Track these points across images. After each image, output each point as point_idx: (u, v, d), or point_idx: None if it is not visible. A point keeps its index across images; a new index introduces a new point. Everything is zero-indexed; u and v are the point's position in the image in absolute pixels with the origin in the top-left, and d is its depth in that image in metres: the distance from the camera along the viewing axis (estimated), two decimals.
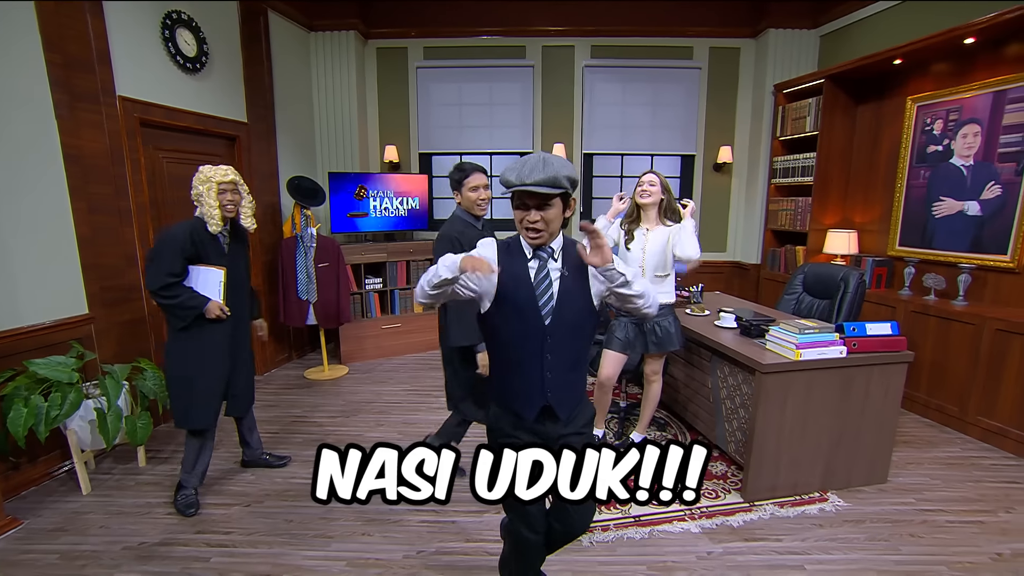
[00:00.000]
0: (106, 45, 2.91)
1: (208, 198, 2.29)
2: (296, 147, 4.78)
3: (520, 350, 1.50)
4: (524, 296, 1.47)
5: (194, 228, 2.31)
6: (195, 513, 2.45)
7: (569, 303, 1.49)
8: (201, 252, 2.33)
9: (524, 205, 1.42)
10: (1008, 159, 3.21)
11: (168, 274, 2.24)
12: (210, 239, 2.36)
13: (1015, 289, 3.23)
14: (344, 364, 4.66)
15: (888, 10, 4.12)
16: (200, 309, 2.31)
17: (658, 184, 2.68)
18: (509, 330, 1.50)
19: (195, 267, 2.33)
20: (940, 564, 2.10)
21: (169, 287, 2.25)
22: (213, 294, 2.37)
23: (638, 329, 2.76)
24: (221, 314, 2.36)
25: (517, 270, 1.48)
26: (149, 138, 3.32)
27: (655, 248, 2.67)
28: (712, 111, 5.28)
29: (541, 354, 1.50)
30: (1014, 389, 2.98)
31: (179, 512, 2.45)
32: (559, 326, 1.48)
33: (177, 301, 2.27)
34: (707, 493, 2.58)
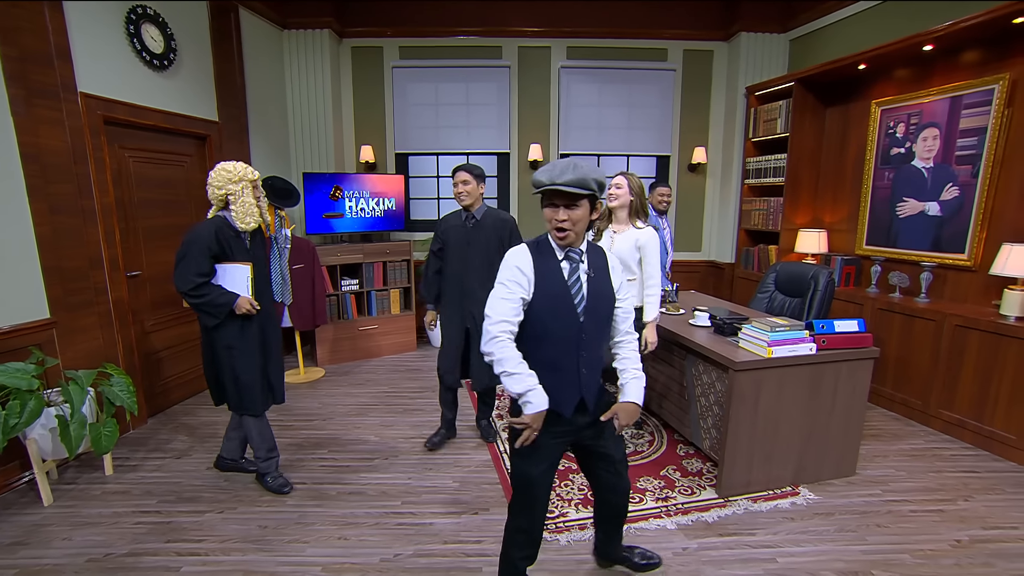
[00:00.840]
0: (66, 40, 2.81)
1: (245, 196, 2.35)
2: (269, 147, 4.69)
3: (558, 350, 1.58)
4: (560, 296, 1.56)
5: (218, 227, 2.35)
6: (289, 491, 2.59)
7: (598, 303, 1.60)
8: (227, 250, 2.37)
9: (554, 204, 1.52)
10: (965, 162, 3.34)
11: (197, 274, 2.28)
12: (234, 237, 2.40)
13: (972, 286, 3.36)
14: (320, 367, 4.59)
15: (853, 16, 4.25)
16: (230, 305, 2.35)
17: (625, 187, 2.70)
18: (547, 330, 1.57)
19: (221, 265, 2.37)
20: (904, 552, 2.17)
21: (198, 287, 2.29)
22: (241, 290, 2.40)
23: None
24: (251, 309, 2.40)
25: (550, 269, 1.57)
26: (114, 136, 3.22)
27: (621, 249, 2.71)
28: (686, 112, 5.37)
29: (577, 352, 1.59)
30: (971, 383, 3.10)
31: (277, 492, 2.58)
32: (592, 324, 1.60)
33: (207, 299, 2.31)
34: (683, 490, 2.62)
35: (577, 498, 2.54)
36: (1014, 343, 2.87)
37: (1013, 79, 3.08)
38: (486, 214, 2.87)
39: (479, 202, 2.87)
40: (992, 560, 2.12)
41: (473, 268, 2.84)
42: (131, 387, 2.76)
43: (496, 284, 1.59)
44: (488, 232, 2.84)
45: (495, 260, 2.79)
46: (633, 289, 2.73)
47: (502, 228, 2.85)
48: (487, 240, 2.83)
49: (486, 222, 2.85)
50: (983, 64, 3.26)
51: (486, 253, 2.82)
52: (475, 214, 2.85)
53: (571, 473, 2.77)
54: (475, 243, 2.84)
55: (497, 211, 2.92)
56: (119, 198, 3.27)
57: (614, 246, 2.71)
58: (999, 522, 2.37)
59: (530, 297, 1.55)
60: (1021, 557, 2.14)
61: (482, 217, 2.86)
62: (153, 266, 3.54)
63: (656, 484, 2.67)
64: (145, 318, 3.51)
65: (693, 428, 2.93)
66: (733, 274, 5.26)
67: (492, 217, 2.87)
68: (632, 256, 2.70)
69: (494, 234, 2.83)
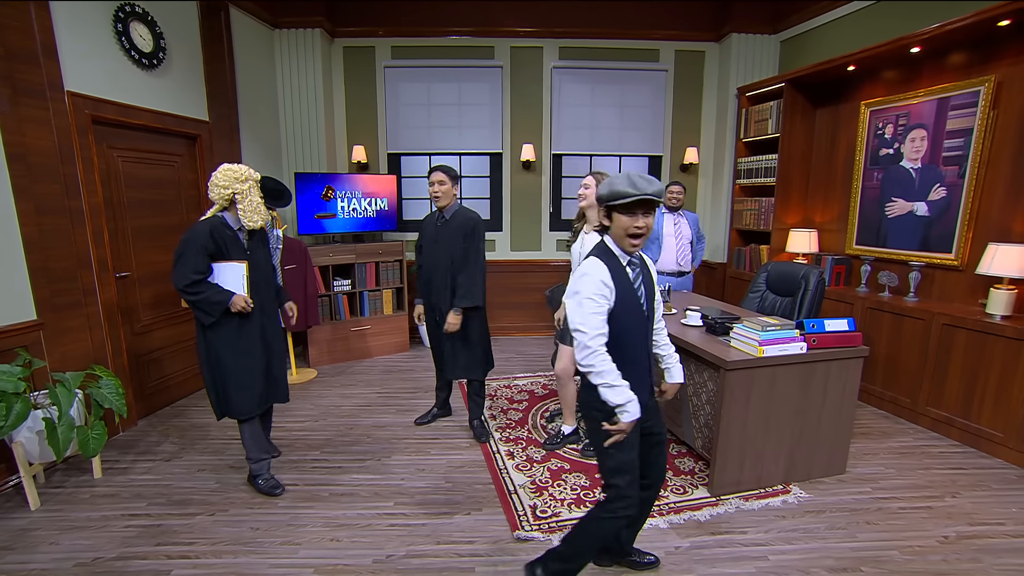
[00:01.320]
0: (52, 38, 2.78)
1: (253, 195, 2.41)
2: (261, 147, 4.66)
3: (635, 346, 1.75)
4: (632, 299, 1.72)
5: (214, 226, 2.38)
6: (281, 492, 2.59)
7: (652, 300, 1.81)
8: (223, 249, 2.40)
9: (633, 213, 1.64)
10: (952, 163, 3.38)
11: (193, 271, 2.32)
12: (231, 236, 2.43)
13: (959, 285, 3.40)
14: (313, 367, 4.57)
15: (843, 18, 4.29)
16: (226, 303, 2.37)
17: (593, 186, 2.71)
18: (624, 330, 1.71)
19: (218, 264, 2.40)
20: (892, 549, 2.19)
21: (194, 284, 2.32)
22: (237, 288, 2.42)
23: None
24: (245, 307, 2.42)
25: (622, 276, 1.70)
26: (102, 136, 3.19)
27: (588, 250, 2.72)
28: (678, 113, 5.39)
29: (647, 346, 1.81)
30: (958, 380, 3.14)
31: (268, 495, 2.59)
32: (653, 321, 1.83)
33: (202, 297, 2.33)
34: (675, 489, 2.64)
35: (570, 498, 2.54)
36: (1000, 341, 2.91)
37: (998, 81, 3.12)
38: (455, 213, 3.02)
39: (452, 202, 3.02)
40: (979, 556, 2.15)
41: (439, 264, 3.02)
42: (120, 389, 2.73)
43: (583, 299, 1.65)
44: (454, 230, 2.98)
45: (456, 256, 2.98)
46: None
47: (466, 225, 2.98)
48: (452, 237, 2.98)
49: (454, 221, 3.00)
50: (969, 66, 3.30)
51: (450, 250, 2.98)
52: (445, 213, 3.01)
53: (564, 473, 2.78)
54: (442, 241, 3.01)
55: (466, 210, 3.05)
56: (108, 198, 3.24)
57: (584, 248, 2.74)
58: (985, 518, 2.40)
59: (612, 305, 1.67)
60: (1007, 552, 2.17)
61: (451, 216, 3.01)
62: (143, 267, 3.50)
63: None
64: (135, 319, 3.47)
65: (685, 427, 2.94)
66: (725, 274, 5.29)
67: (460, 216, 3.01)
68: None
69: (459, 232, 2.97)
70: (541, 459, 2.93)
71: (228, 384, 2.46)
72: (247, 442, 2.59)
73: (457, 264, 2.98)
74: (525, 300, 5.55)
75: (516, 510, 2.45)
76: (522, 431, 3.29)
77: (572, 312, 1.67)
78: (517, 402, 3.77)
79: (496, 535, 2.28)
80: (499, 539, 2.26)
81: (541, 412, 3.59)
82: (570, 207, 5.57)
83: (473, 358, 3.13)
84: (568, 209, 5.57)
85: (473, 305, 2.97)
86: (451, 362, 3.13)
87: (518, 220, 5.50)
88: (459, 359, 3.11)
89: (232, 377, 2.46)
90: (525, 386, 4.10)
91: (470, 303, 2.96)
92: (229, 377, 2.46)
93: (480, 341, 3.12)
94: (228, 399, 2.48)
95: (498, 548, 2.20)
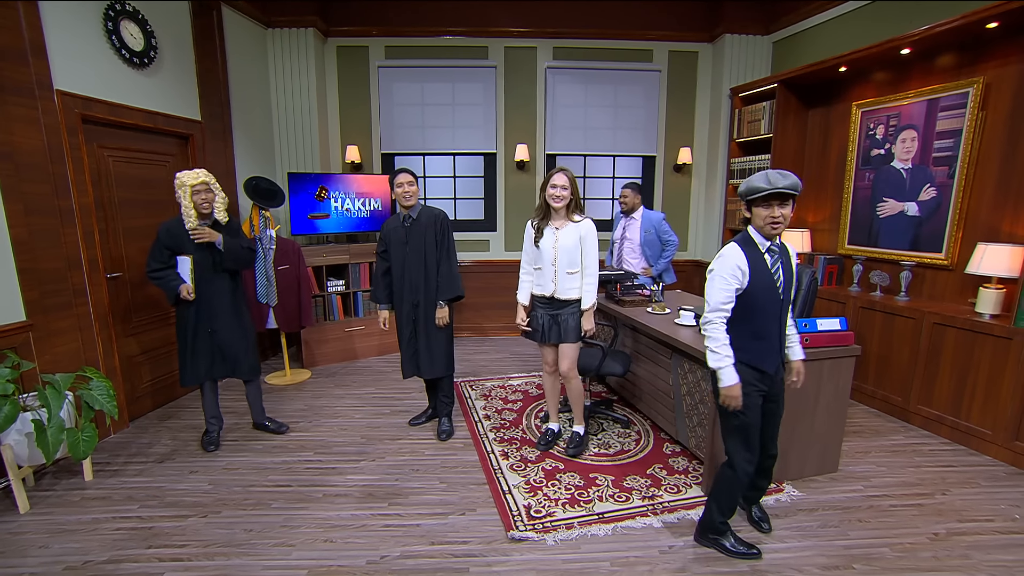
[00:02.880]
0: (41, 36, 2.75)
1: (184, 200, 2.76)
2: (254, 147, 4.64)
3: (766, 322, 2.01)
4: (768, 282, 1.98)
5: (171, 225, 2.82)
6: (214, 450, 3.03)
7: (789, 285, 2.03)
8: (178, 244, 2.81)
9: (769, 204, 1.91)
10: (942, 163, 3.41)
11: (154, 260, 2.80)
12: (185, 233, 2.81)
13: (949, 285, 3.44)
14: (307, 368, 4.55)
15: (835, 19, 4.32)
16: (175, 291, 2.80)
17: (569, 187, 2.75)
18: (756, 307, 1.99)
19: (179, 257, 2.84)
20: (883, 546, 2.21)
21: (155, 271, 2.80)
22: (185, 277, 2.84)
23: (552, 320, 2.87)
24: (187, 296, 2.84)
25: (758, 261, 1.97)
26: (93, 135, 3.16)
27: (566, 245, 2.76)
28: (672, 113, 5.41)
29: (779, 324, 2.05)
30: (949, 379, 3.17)
31: (203, 448, 3.05)
32: (787, 302, 2.04)
33: (160, 282, 2.81)
34: (669, 488, 2.65)
35: (564, 498, 2.55)
36: (989, 340, 2.94)
37: (987, 83, 3.16)
38: (421, 212, 3.08)
39: (416, 202, 3.08)
40: (968, 552, 2.17)
41: (413, 263, 3.07)
42: (111, 391, 2.70)
43: (715, 276, 1.98)
44: (423, 227, 3.06)
45: (431, 251, 3.05)
46: (575, 281, 2.79)
47: (435, 222, 3.07)
48: (423, 234, 3.06)
49: (421, 219, 3.07)
50: (958, 68, 3.33)
51: (423, 247, 3.06)
52: (411, 213, 3.06)
53: (558, 473, 2.78)
54: (412, 239, 3.07)
55: (429, 207, 3.13)
56: (98, 198, 3.21)
57: (559, 243, 2.77)
58: (975, 515, 2.43)
59: (744, 286, 1.96)
60: (996, 549, 2.19)
61: (418, 216, 3.07)
62: (135, 267, 3.48)
63: (643, 483, 2.69)
64: (127, 320, 3.45)
65: (679, 426, 2.95)
66: None
67: (425, 213, 3.08)
68: (576, 248, 2.77)
69: (429, 229, 3.06)
70: (535, 459, 2.93)
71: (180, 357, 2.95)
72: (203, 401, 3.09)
73: (431, 258, 3.05)
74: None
75: (510, 510, 2.45)
76: (516, 431, 3.29)
77: (707, 285, 2.01)
78: (511, 402, 3.77)
79: (490, 535, 2.28)
80: (493, 539, 2.26)
81: (535, 412, 3.59)
82: None
83: (449, 354, 3.20)
84: None
85: (458, 296, 3.09)
86: (428, 361, 3.14)
87: (512, 220, 5.50)
88: (436, 356, 3.14)
89: (181, 352, 2.93)
90: (520, 386, 4.10)
91: (454, 293, 3.06)
92: (181, 350, 2.93)
93: (450, 337, 3.21)
94: (181, 369, 2.96)
95: (492, 548, 2.20)
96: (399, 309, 3.16)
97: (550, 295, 2.84)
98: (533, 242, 2.86)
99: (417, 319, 3.12)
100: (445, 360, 3.18)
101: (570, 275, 2.78)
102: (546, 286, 2.84)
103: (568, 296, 2.80)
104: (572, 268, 2.78)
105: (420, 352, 3.14)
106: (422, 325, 3.11)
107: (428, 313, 3.09)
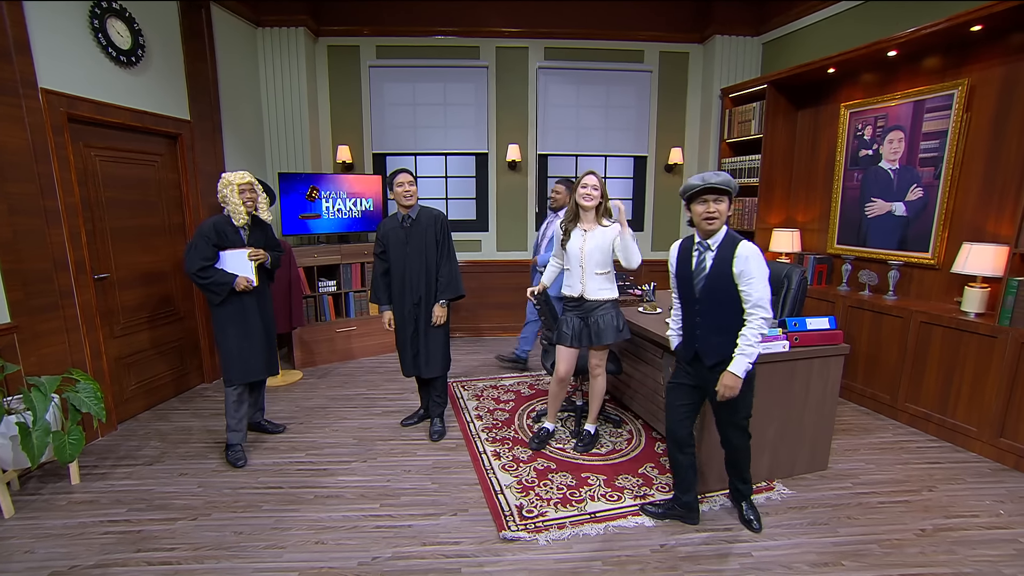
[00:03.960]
0: (25, 33, 2.71)
1: (233, 198, 2.78)
2: (244, 147, 4.60)
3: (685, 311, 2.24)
4: (686, 274, 2.17)
5: (218, 221, 2.81)
6: (244, 465, 2.88)
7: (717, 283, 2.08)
8: (224, 241, 2.81)
9: (706, 200, 2.05)
10: (928, 164, 3.46)
11: (202, 258, 2.73)
12: (232, 231, 2.83)
13: (936, 284, 3.48)
14: (298, 369, 4.52)
15: (825, 20, 4.35)
16: (231, 284, 2.79)
17: (599, 187, 2.75)
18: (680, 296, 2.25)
19: (224, 252, 2.81)
20: (872, 543, 2.23)
21: (203, 269, 2.73)
22: (246, 270, 2.85)
23: (583, 323, 2.83)
24: (248, 285, 2.83)
25: (686, 254, 2.18)
26: (79, 134, 3.12)
27: (593, 247, 2.75)
28: (663, 113, 5.44)
29: (693, 319, 2.18)
30: (935, 377, 3.21)
31: (231, 464, 2.88)
32: (708, 298, 2.12)
33: (211, 280, 2.75)
34: (661, 487, 2.66)
35: (556, 498, 2.55)
36: (974, 338, 2.98)
37: (971, 84, 3.20)
38: (420, 212, 3.08)
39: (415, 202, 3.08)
40: (954, 548, 2.20)
41: (414, 264, 3.06)
42: (99, 393, 2.67)
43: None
44: (423, 228, 3.05)
45: (431, 251, 3.04)
46: (606, 282, 2.78)
47: (436, 221, 3.07)
48: (423, 235, 3.05)
49: (420, 219, 3.06)
50: (943, 70, 3.37)
51: (424, 247, 3.05)
52: (411, 213, 3.05)
53: (550, 473, 2.78)
54: (412, 240, 3.05)
55: (428, 208, 3.13)
56: (85, 198, 3.17)
57: (586, 244, 2.76)
58: (960, 511, 2.46)
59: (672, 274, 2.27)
60: (981, 544, 2.22)
61: (417, 216, 3.06)
62: (123, 268, 3.44)
63: (634, 482, 2.70)
64: (115, 322, 3.41)
65: None
66: None
67: (424, 214, 3.08)
68: (607, 253, 2.75)
69: (429, 229, 3.05)
70: (527, 459, 2.93)
71: (227, 354, 2.86)
72: (227, 408, 2.92)
73: (431, 258, 3.05)
74: (511, 300, 5.56)
75: (502, 510, 2.45)
76: (508, 431, 3.29)
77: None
78: (503, 402, 3.77)
79: (482, 535, 2.28)
80: (485, 539, 2.26)
81: (528, 412, 3.59)
82: None
83: (446, 353, 3.20)
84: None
85: (459, 295, 3.09)
86: (425, 360, 3.14)
87: (504, 220, 5.50)
88: (433, 355, 3.14)
89: (231, 349, 2.85)
90: (512, 386, 4.10)
91: (455, 293, 3.06)
92: (229, 349, 2.85)
93: (447, 336, 3.21)
94: (226, 367, 2.87)
95: (484, 548, 2.20)
96: (399, 309, 3.14)
97: (579, 295, 2.83)
98: (561, 243, 2.88)
99: (419, 319, 3.11)
100: (442, 359, 3.18)
101: (599, 275, 2.78)
102: (574, 287, 2.84)
103: (597, 297, 2.79)
104: (600, 269, 2.77)
105: (420, 352, 3.14)
106: (423, 325, 3.11)
107: (429, 313, 3.09)
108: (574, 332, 2.83)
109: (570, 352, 2.87)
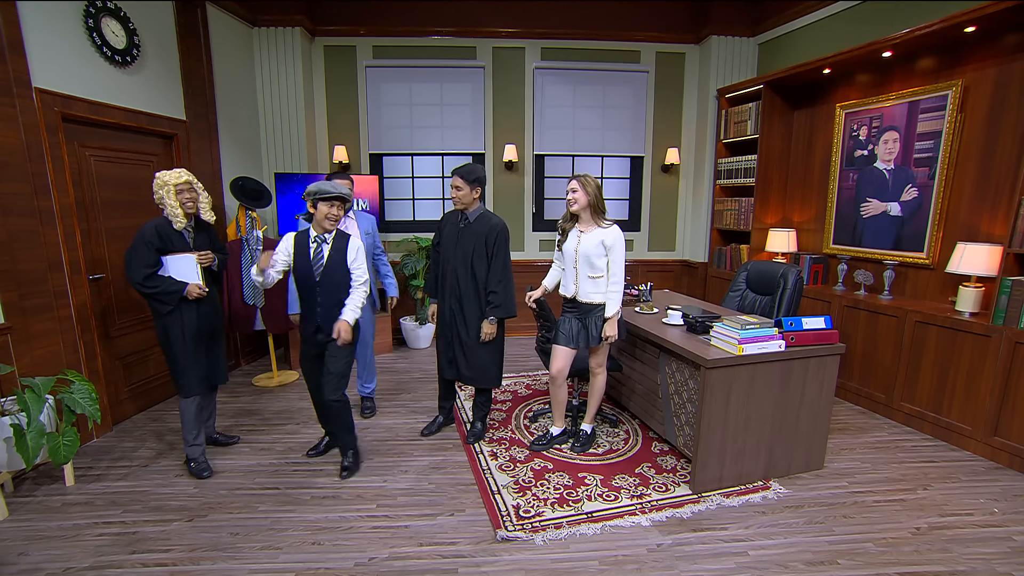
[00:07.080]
0: (19, 32, 2.69)
1: (169, 200, 2.60)
2: (240, 147, 4.59)
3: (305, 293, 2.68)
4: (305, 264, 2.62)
5: (159, 224, 2.62)
6: (210, 476, 2.77)
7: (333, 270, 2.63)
8: (168, 245, 2.63)
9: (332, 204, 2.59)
10: (922, 164, 3.47)
11: (145, 265, 2.55)
12: (175, 234, 2.66)
13: (931, 283, 3.50)
14: (294, 370, 4.51)
15: (820, 21, 4.37)
16: (181, 292, 2.63)
17: (580, 190, 2.73)
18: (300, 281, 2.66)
19: (167, 257, 2.63)
20: (867, 541, 2.24)
21: (149, 278, 2.56)
22: (192, 276, 2.68)
23: (580, 324, 2.83)
24: (201, 293, 2.68)
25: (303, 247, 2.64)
26: (73, 134, 3.11)
27: (586, 249, 2.74)
28: (659, 114, 5.45)
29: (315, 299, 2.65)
30: (930, 376, 3.23)
31: (197, 477, 2.76)
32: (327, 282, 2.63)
33: (159, 289, 2.58)
34: (657, 487, 2.66)
35: (553, 498, 2.55)
36: (968, 338, 3.00)
37: (965, 85, 3.22)
38: (479, 217, 2.96)
39: (473, 205, 2.95)
40: (949, 546, 2.21)
41: (454, 266, 2.98)
42: (93, 394, 2.65)
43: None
44: (476, 234, 2.93)
45: (474, 261, 2.94)
46: (600, 285, 2.76)
47: (488, 233, 2.92)
48: (472, 241, 2.94)
49: (476, 225, 2.94)
50: (938, 71, 3.39)
51: (470, 255, 2.94)
52: (468, 216, 2.95)
53: (547, 473, 2.79)
54: (463, 243, 2.96)
55: (490, 215, 2.99)
56: (80, 198, 3.16)
57: (580, 246, 2.76)
58: (955, 509, 2.48)
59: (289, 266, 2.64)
60: (975, 542, 2.24)
61: (474, 220, 2.95)
62: (118, 268, 3.42)
63: (631, 481, 2.70)
64: (109, 322, 3.39)
65: (667, 425, 2.97)
66: (706, 273, 5.36)
67: (482, 221, 2.95)
68: (598, 253, 2.73)
69: (480, 237, 2.92)
70: (524, 459, 2.93)
71: (176, 364, 2.70)
72: (185, 422, 2.77)
73: (477, 268, 2.93)
74: None
75: (499, 510, 2.45)
76: (505, 431, 3.29)
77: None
78: (500, 402, 3.77)
79: (479, 535, 2.28)
80: (482, 539, 2.26)
81: (524, 412, 3.59)
82: (553, 207, 5.59)
83: (490, 367, 3.05)
84: (551, 210, 5.59)
85: (509, 316, 2.97)
86: (466, 366, 3.03)
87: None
88: (474, 366, 3.02)
89: (179, 359, 2.69)
90: (508, 386, 4.10)
91: (505, 314, 2.94)
92: (176, 359, 2.69)
93: (500, 352, 3.08)
94: (177, 377, 2.72)
95: (481, 549, 2.20)
96: (441, 309, 3.07)
97: (572, 296, 2.84)
98: (557, 244, 2.89)
99: (456, 324, 3.00)
100: (484, 372, 3.03)
101: (591, 279, 2.76)
102: (568, 287, 2.85)
103: (590, 300, 2.77)
104: (593, 273, 2.74)
105: (457, 359, 3.05)
106: (459, 333, 3.00)
107: (468, 321, 2.98)
108: (571, 333, 2.83)
109: (565, 352, 2.86)
